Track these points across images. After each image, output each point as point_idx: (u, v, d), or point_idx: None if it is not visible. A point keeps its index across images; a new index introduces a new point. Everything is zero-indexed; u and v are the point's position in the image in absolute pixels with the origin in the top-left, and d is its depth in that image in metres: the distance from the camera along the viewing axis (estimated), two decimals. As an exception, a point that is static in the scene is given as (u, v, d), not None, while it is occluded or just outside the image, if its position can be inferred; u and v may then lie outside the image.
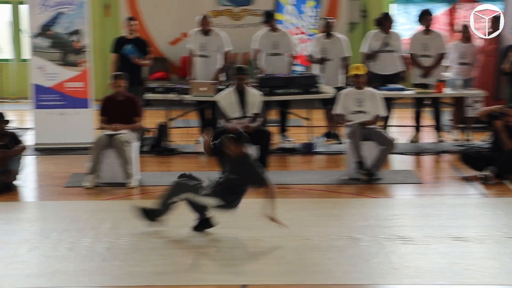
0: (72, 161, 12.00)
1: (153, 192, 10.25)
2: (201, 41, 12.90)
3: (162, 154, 12.30)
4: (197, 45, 12.94)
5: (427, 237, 8.23)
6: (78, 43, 12.59)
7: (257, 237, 8.25)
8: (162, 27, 17.47)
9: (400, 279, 7.18)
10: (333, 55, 13.07)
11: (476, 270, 7.31)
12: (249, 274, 7.28)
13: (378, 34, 13.12)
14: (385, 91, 12.51)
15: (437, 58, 12.98)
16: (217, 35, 12.99)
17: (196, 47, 12.95)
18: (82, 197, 10.05)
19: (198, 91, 12.26)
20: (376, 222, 8.80)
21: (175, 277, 7.23)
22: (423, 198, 10.16)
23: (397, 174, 11.11)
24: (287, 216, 8.78)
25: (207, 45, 12.89)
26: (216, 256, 7.78)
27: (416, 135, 13.25)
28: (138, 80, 12.67)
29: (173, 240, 8.23)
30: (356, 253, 7.80)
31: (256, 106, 11.01)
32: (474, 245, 8.03)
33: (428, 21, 12.99)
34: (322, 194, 10.13)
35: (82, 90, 12.64)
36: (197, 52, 12.95)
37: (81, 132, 12.56)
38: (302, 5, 17.33)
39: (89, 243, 8.08)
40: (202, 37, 12.91)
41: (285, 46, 13.13)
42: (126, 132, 10.67)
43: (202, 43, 12.89)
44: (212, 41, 12.92)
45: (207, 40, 12.90)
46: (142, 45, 12.82)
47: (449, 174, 11.25)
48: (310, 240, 8.17)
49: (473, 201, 9.86)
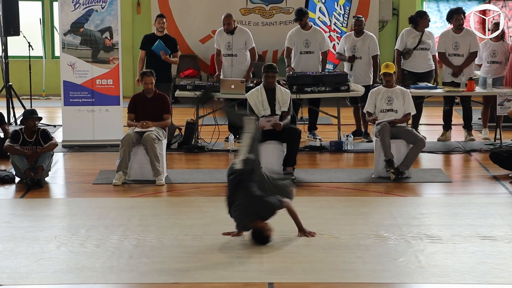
0: (101, 158, 12.07)
1: (181, 190, 10.30)
2: (227, 40, 12.95)
3: (191, 152, 12.32)
4: (223, 45, 12.99)
5: (455, 236, 8.21)
6: (109, 41, 12.63)
7: (284, 235, 8.25)
8: (192, 25, 17.51)
9: (427, 278, 7.17)
10: (363, 53, 13.04)
11: (505, 270, 7.29)
12: (276, 272, 7.29)
13: (411, 32, 13.07)
14: (415, 89, 12.48)
15: (468, 57, 12.91)
16: (241, 32, 13.02)
17: (222, 46, 13.00)
18: (110, 194, 10.10)
19: (228, 88, 12.29)
20: (404, 220, 8.79)
21: (201, 274, 7.25)
22: (452, 197, 10.14)
23: (426, 173, 11.08)
24: (315, 214, 8.87)
25: (232, 44, 12.92)
26: (243, 253, 7.78)
27: (446, 134, 13.18)
28: (167, 77, 12.74)
29: (199, 237, 8.25)
30: (384, 251, 7.80)
31: (285, 104, 11.00)
32: (503, 244, 8.00)
33: (459, 20, 12.89)
34: (350, 192, 10.14)
35: (112, 87, 12.68)
36: (224, 51, 13.00)
37: (110, 129, 12.61)
38: (333, 3, 17.30)
39: (117, 240, 8.13)
40: (227, 36, 12.95)
41: (317, 44, 13.11)
42: (154, 129, 10.71)
43: (228, 42, 12.94)
44: (238, 39, 12.95)
45: (233, 39, 12.93)
46: (170, 42, 12.87)
47: (478, 173, 11.22)
48: (337, 239, 8.18)
49: (502, 200, 9.81)
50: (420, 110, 12.70)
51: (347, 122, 13.55)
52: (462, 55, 12.91)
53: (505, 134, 12.92)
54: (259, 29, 17.24)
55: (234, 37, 12.93)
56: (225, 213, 8.93)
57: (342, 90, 12.44)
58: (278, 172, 8.81)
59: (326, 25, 17.18)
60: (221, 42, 13.01)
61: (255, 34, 13.54)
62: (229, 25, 12.89)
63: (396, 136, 10.83)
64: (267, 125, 10.68)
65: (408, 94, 11.24)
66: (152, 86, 10.98)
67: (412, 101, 11.22)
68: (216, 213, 9.07)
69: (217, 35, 13.11)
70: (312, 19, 16.67)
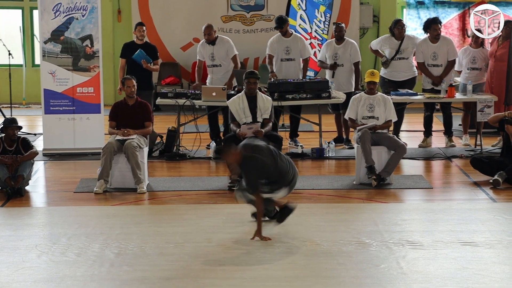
0: (81, 166, 12.06)
1: (162, 198, 10.32)
2: (210, 51, 12.98)
3: (172, 160, 12.34)
4: (207, 56, 13.02)
5: (437, 242, 8.26)
6: (90, 49, 12.62)
7: (266, 242, 8.30)
8: (173, 32, 17.53)
9: (409, 284, 7.20)
10: (344, 60, 13.10)
11: (486, 275, 7.34)
12: (259, 279, 7.31)
13: (390, 41, 13.19)
14: (397, 96, 12.54)
15: (447, 65, 12.99)
16: (222, 42, 13.05)
17: (207, 57, 13.03)
18: (91, 203, 10.10)
19: (209, 96, 12.32)
20: (385, 227, 8.84)
21: (183, 282, 7.27)
22: (433, 203, 10.20)
23: (407, 179, 11.13)
24: (297, 221, 8.88)
25: (215, 54, 12.96)
26: (225, 261, 7.80)
27: (427, 140, 13.25)
28: (148, 85, 12.79)
29: (181, 245, 8.26)
30: (366, 258, 7.84)
31: (267, 111, 11.05)
32: (484, 250, 8.05)
33: (436, 30, 12.96)
34: (332, 199, 10.17)
35: (93, 95, 12.67)
36: (208, 63, 13.03)
37: (91, 137, 12.59)
38: (313, 10, 17.37)
39: (98, 249, 8.13)
40: (210, 47, 12.98)
41: (297, 51, 13.17)
42: (136, 137, 10.72)
43: (211, 53, 12.97)
44: (219, 50, 12.98)
45: (215, 50, 12.97)
46: (151, 50, 12.93)
47: (459, 179, 11.28)
48: (320, 245, 8.21)
49: (483, 206, 9.87)
50: (401, 117, 12.75)
51: (328, 129, 13.59)
52: (441, 65, 12.99)
53: (485, 140, 13.00)
54: (240, 37, 17.28)
55: (216, 47, 12.96)
56: (207, 220, 9.03)
57: (324, 97, 12.47)
58: None
59: (307, 32, 17.26)
60: (205, 54, 13.04)
61: (236, 41, 13.57)
62: (209, 36, 12.92)
63: (377, 143, 10.88)
64: (249, 132, 10.71)
65: (390, 101, 11.30)
66: (134, 89, 11.01)
67: (393, 107, 11.28)
68: (198, 221, 9.10)
69: (201, 47, 13.13)
70: (293, 26, 16.75)
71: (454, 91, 12.71)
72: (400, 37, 13.11)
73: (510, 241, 8.30)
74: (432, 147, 13.15)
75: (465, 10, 17.51)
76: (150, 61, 12.74)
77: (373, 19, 17.82)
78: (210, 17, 16.70)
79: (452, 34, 16.99)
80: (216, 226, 8.94)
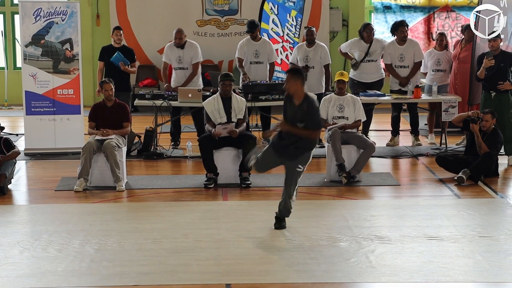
0: (62, 165, 12.08)
1: (141, 195, 10.36)
2: (177, 54, 13.08)
3: (150, 159, 12.42)
4: (174, 59, 13.12)
5: (404, 237, 8.38)
6: (69, 52, 12.68)
7: (241, 238, 8.40)
8: (150, 36, 17.54)
9: (378, 277, 7.34)
10: (315, 63, 13.25)
11: (451, 268, 7.49)
12: (233, 273, 7.42)
13: (360, 44, 13.36)
14: (365, 97, 12.72)
15: (413, 67, 13.18)
16: (190, 47, 13.13)
17: (174, 60, 13.13)
18: (72, 200, 10.12)
19: (185, 97, 12.45)
20: (355, 222, 8.96)
21: (161, 276, 7.35)
22: (400, 199, 10.26)
23: (375, 177, 11.24)
24: (270, 217, 8.93)
25: (183, 58, 13.07)
26: (201, 256, 7.87)
27: (394, 139, 13.42)
28: (126, 86, 12.86)
29: (159, 240, 8.33)
30: (336, 252, 7.95)
31: (241, 111, 11.11)
32: (449, 244, 8.19)
33: (403, 32, 13.16)
34: (304, 196, 10.18)
35: (73, 97, 12.75)
36: (175, 65, 13.14)
37: (71, 137, 12.66)
38: (285, 15, 17.50)
39: (79, 245, 8.19)
40: (178, 50, 13.08)
41: (265, 54, 13.36)
42: (114, 137, 10.82)
43: (178, 56, 13.07)
44: (187, 54, 13.07)
45: (183, 53, 13.07)
46: (128, 53, 13.01)
47: (425, 176, 11.40)
48: (292, 241, 8.33)
49: (447, 202, 9.99)
50: (370, 117, 12.89)
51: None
52: (407, 66, 13.16)
53: (450, 139, 13.10)
54: (215, 40, 17.34)
55: (184, 51, 13.05)
56: (183, 217, 9.06)
57: (295, 98, 12.62)
58: None
59: (279, 36, 17.36)
60: (172, 56, 13.12)
61: (211, 45, 13.68)
62: (180, 40, 13.01)
63: (347, 142, 11.03)
64: (224, 132, 10.80)
65: (359, 102, 11.46)
66: (112, 93, 11.09)
67: (362, 108, 11.43)
68: (175, 217, 9.16)
69: (168, 49, 13.19)
70: (266, 30, 16.88)
71: (420, 92, 12.90)
72: (369, 40, 13.28)
73: (474, 236, 8.44)
74: (400, 145, 13.29)
75: (430, 14, 17.70)
76: (127, 64, 12.83)
77: (343, 23, 17.89)
78: (186, 21, 16.80)
79: (417, 37, 17.17)
80: (192, 222, 9.00)
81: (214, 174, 10.80)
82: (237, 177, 10.83)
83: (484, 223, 8.94)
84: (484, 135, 11.11)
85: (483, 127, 11.12)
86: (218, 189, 10.66)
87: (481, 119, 11.12)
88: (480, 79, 12.18)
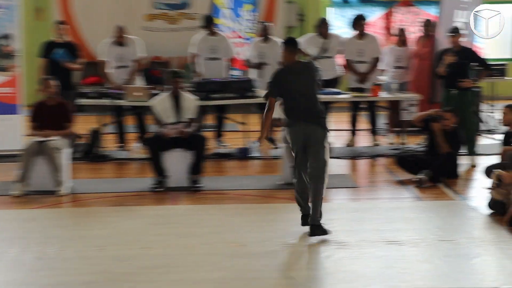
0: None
1: (84, 200, 10.23)
2: (117, 52, 12.83)
3: (94, 161, 12.25)
4: (113, 57, 12.85)
5: (362, 241, 8.30)
6: (8, 48, 12.47)
7: (191, 244, 8.24)
8: (96, 31, 17.32)
9: (334, 283, 7.22)
10: (270, 60, 13.10)
11: (411, 274, 7.39)
12: (184, 282, 7.25)
13: (316, 40, 13.25)
14: (322, 95, 12.55)
15: (372, 62, 13.15)
16: (132, 43, 12.93)
17: (112, 58, 12.85)
18: (9, 206, 9.94)
19: (132, 96, 12.19)
20: (311, 227, 8.82)
21: (104, 286, 7.18)
22: (359, 202, 10.27)
23: (333, 178, 10.99)
24: (222, 222, 8.89)
25: (124, 55, 12.84)
26: (148, 264, 7.70)
27: (352, 139, 13.39)
28: (69, 84, 12.56)
29: (102, 248, 8.15)
30: (291, 258, 7.87)
31: (191, 111, 10.96)
32: (408, 248, 8.11)
33: (362, 26, 13.15)
34: (258, 199, 10.16)
35: (11, 95, 12.52)
36: (113, 63, 12.85)
37: (9, 139, 12.39)
38: (239, 9, 17.35)
39: (16, 253, 7.99)
40: (118, 48, 12.83)
41: (223, 50, 13.16)
42: (56, 139, 10.59)
43: (118, 54, 12.83)
44: (129, 51, 12.86)
45: (124, 51, 12.84)
46: (72, 49, 12.74)
47: (384, 178, 11.38)
48: (245, 246, 8.18)
49: (407, 204, 9.96)
50: (326, 116, 12.87)
51: (254, 128, 13.56)
52: (366, 61, 13.13)
53: (409, 138, 13.12)
54: (164, 35, 17.25)
55: (124, 49, 12.83)
56: (129, 223, 8.94)
57: (248, 96, 12.43)
58: None
59: (232, 31, 17.22)
60: (111, 54, 12.84)
61: (160, 40, 13.56)
62: (120, 38, 12.81)
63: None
64: (172, 132, 10.62)
65: None
66: (54, 90, 10.84)
67: None
68: (120, 223, 9.03)
69: (104, 46, 12.93)
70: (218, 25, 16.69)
71: (379, 90, 12.82)
72: (325, 35, 13.19)
73: (434, 239, 8.38)
74: (358, 146, 13.27)
75: (390, 9, 17.79)
76: (71, 60, 12.54)
77: (298, 17, 17.92)
78: (133, 15, 16.67)
79: (377, 33, 17.21)
80: (139, 228, 8.86)
81: (163, 177, 10.53)
82: (186, 180, 10.64)
83: (444, 226, 8.89)
84: (445, 135, 11.05)
85: (445, 126, 11.06)
86: (167, 193, 10.53)
87: (441, 118, 11.10)
88: (440, 76, 12.18)
